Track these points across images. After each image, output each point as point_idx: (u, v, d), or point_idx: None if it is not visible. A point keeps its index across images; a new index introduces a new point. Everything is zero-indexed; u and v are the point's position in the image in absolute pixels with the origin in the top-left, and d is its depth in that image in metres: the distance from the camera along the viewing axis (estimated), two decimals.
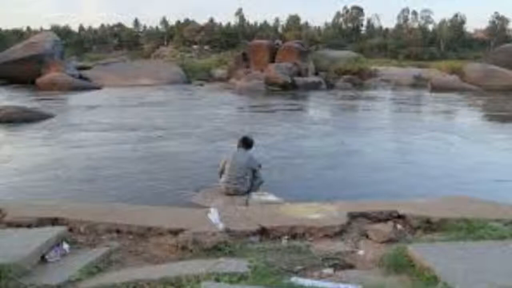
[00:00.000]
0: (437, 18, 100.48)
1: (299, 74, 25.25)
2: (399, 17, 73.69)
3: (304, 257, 2.87)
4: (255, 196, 5.16)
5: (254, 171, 5.39)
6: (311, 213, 3.63)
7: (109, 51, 68.39)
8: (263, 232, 3.29)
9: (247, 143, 5.60)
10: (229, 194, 5.24)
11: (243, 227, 3.29)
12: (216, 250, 2.90)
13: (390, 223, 3.47)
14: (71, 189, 6.09)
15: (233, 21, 78.61)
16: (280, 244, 3.14)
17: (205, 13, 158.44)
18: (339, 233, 3.32)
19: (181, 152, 8.76)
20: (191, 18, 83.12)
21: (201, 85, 26.45)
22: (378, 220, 3.56)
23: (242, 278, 2.35)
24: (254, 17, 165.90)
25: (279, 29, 75.45)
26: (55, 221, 3.35)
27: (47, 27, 70.59)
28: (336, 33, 70.35)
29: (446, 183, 6.54)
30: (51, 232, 2.93)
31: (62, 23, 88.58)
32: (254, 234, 3.25)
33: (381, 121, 13.64)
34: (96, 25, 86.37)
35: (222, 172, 5.43)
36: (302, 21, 77.55)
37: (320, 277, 2.56)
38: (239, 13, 78.50)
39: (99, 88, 23.69)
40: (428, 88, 25.29)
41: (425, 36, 65.04)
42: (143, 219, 3.43)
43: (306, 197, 5.03)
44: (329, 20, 79.09)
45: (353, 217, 3.57)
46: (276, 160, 7.81)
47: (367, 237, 3.28)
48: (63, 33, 61.62)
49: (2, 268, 2.31)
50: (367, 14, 76.69)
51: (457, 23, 69.15)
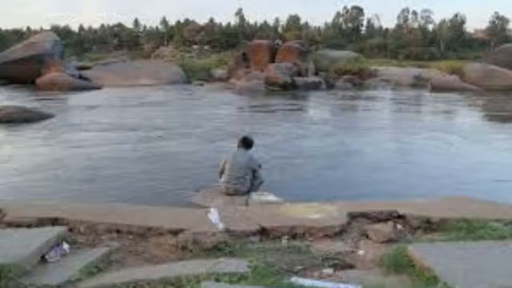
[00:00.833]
0: (437, 18, 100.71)
1: (299, 74, 25.24)
2: (399, 17, 73.83)
3: (304, 257, 2.87)
4: (255, 196, 5.16)
5: (254, 171, 5.39)
6: (311, 213, 3.63)
7: (109, 51, 68.39)
8: (263, 232, 3.30)
9: (247, 143, 5.60)
10: (229, 194, 5.24)
11: (243, 227, 3.29)
12: (216, 250, 2.90)
13: (390, 223, 3.47)
14: (71, 189, 6.09)
15: (233, 21, 78.82)
16: (280, 244, 3.14)
17: (205, 13, 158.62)
18: (339, 233, 3.33)
19: (181, 152, 8.76)
20: (191, 18, 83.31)
21: (201, 85, 26.45)
22: (378, 220, 3.56)
23: (242, 278, 2.35)
24: (254, 17, 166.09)
25: (279, 29, 75.47)
26: (55, 221, 3.35)
27: (47, 27, 70.76)
28: (336, 33, 70.36)
29: (446, 183, 6.55)
30: (51, 232, 2.93)
31: (62, 23, 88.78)
32: (254, 234, 3.25)
33: (381, 121, 13.64)
34: (96, 25, 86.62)
35: (222, 172, 5.43)
36: (302, 21, 77.71)
37: (320, 277, 2.56)
38: (239, 13, 78.60)
39: (99, 88, 23.69)
40: (428, 88, 25.29)
41: (425, 36, 65.05)
42: (143, 219, 3.43)
43: (306, 197, 5.03)
44: (329, 20, 79.32)
45: (353, 217, 3.57)
46: (276, 160, 7.81)
47: (367, 237, 3.29)
48: (63, 33, 61.63)
49: (2, 268, 2.31)
50: (367, 14, 76.93)
51: (457, 23, 69.17)
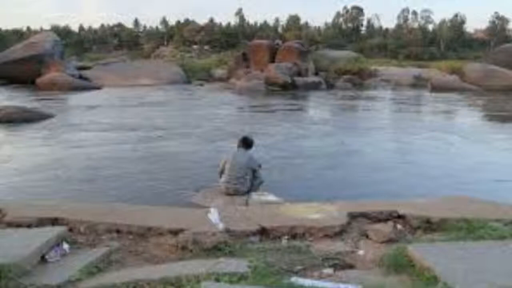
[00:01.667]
0: (437, 18, 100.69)
1: (299, 74, 25.24)
2: (399, 17, 73.82)
3: (304, 257, 2.87)
4: (255, 196, 5.16)
5: (254, 171, 5.39)
6: (311, 213, 3.63)
7: (109, 51, 68.38)
8: (263, 232, 3.29)
9: (247, 143, 5.60)
10: (229, 194, 5.24)
11: (243, 227, 3.29)
12: (216, 250, 2.89)
13: (390, 223, 3.47)
14: (71, 189, 6.09)
15: (233, 21, 78.82)
16: (280, 244, 3.14)
17: (205, 13, 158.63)
18: (339, 233, 3.32)
19: (181, 152, 8.76)
20: (191, 18, 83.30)
21: (201, 85, 26.44)
22: (378, 220, 3.56)
23: (242, 278, 2.35)
24: (254, 17, 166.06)
25: (279, 29, 75.47)
26: (55, 221, 3.35)
27: (47, 27, 70.75)
28: (336, 33, 70.36)
29: (446, 183, 6.55)
30: (51, 232, 2.93)
31: (62, 23, 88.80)
32: (254, 234, 3.25)
33: (381, 121, 13.64)
34: (96, 25, 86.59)
35: (222, 172, 5.43)
36: (302, 21, 77.71)
37: (320, 277, 2.56)
38: (239, 13, 78.59)
39: (99, 88, 23.68)
40: (428, 88, 25.29)
41: (425, 36, 65.04)
42: (143, 219, 3.43)
43: (306, 197, 5.03)
44: (329, 20, 79.31)
45: (353, 217, 3.57)
46: (276, 160, 7.81)
47: (367, 237, 3.28)
48: (63, 33, 61.63)
49: (2, 268, 2.30)
50: (367, 14, 76.92)
51: (457, 23, 69.16)
